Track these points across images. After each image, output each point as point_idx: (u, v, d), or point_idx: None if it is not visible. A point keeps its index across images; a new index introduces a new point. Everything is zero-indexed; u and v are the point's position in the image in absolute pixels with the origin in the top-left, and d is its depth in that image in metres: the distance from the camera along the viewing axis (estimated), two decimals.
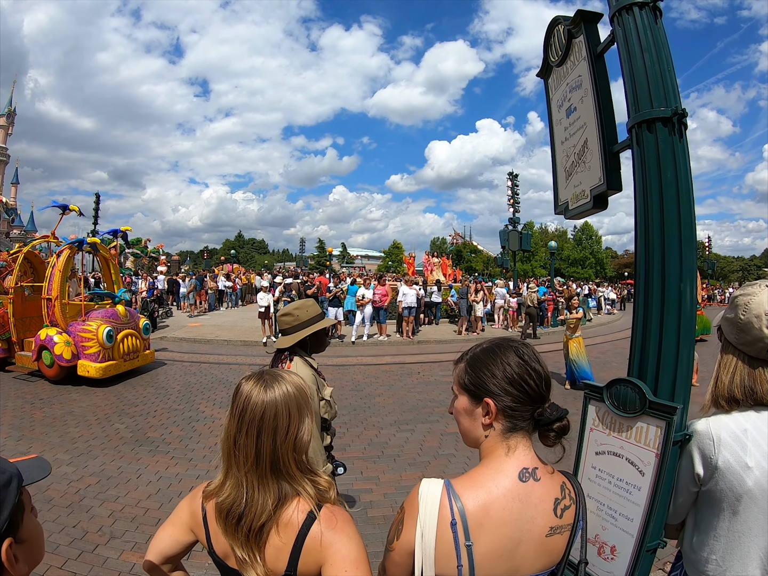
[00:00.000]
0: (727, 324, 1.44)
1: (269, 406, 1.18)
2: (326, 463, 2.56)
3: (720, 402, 1.41)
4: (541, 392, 1.14)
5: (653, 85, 1.49)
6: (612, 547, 1.52)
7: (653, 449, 1.41)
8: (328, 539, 1.14)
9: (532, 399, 1.13)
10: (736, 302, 1.41)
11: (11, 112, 48.56)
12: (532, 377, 1.13)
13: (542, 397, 1.14)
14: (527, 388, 1.13)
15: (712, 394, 1.44)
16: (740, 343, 1.39)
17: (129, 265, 24.59)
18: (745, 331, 1.36)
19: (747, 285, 1.44)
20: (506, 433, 1.14)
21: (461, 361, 1.26)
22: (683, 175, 1.45)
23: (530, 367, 1.14)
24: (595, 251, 66.38)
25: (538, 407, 1.14)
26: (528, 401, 1.13)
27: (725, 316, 1.46)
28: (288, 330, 2.57)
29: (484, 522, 1.05)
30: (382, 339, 14.17)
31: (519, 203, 24.32)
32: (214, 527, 1.22)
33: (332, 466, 2.66)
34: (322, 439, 2.59)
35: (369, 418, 6.84)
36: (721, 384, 1.41)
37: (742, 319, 1.37)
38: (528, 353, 1.17)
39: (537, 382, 1.13)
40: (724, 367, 1.43)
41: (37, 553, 0.92)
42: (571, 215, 2.00)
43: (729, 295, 38.42)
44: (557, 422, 1.13)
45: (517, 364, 1.14)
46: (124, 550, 3.49)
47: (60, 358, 7.98)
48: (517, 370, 1.13)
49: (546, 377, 1.16)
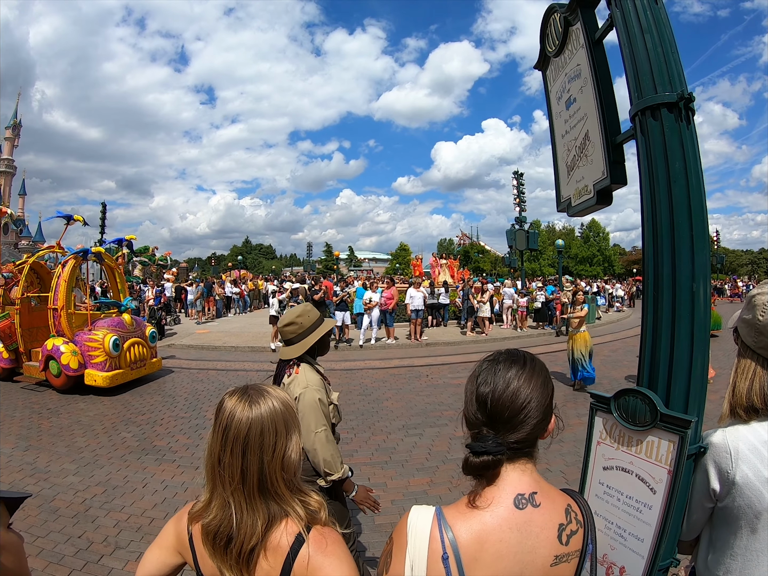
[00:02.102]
0: (745, 326, 1.34)
1: (255, 423, 1.13)
2: (344, 465, 2.51)
3: (738, 411, 1.31)
4: (476, 418, 1.08)
5: (656, 69, 1.38)
6: (621, 568, 1.42)
7: (665, 465, 1.30)
8: (317, 563, 1.09)
9: (469, 422, 1.11)
10: (754, 302, 1.31)
11: (17, 124, 49.06)
12: (472, 400, 1.10)
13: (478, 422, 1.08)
14: (468, 410, 1.10)
15: (730, 402, 1.34)
16: (759, 346, 1.29)
17: (137, 273, 24.74)
18: (764, 333, 1.26)
19: (765, 283, 1.34)
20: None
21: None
22: (693, 166, 1.33)
23: (477, 390, 1.09)
24: (602, 248, 65.88)
25: (474, 430, 1.08)
26: (468, 424, 1.11)
27: (742, 317, 1.36)
28: (293, 339, 2.53)
29: (479, 556, 0.97)
30: (390, 342, 14.09)
31: (525, 202, 24.28)
32: (201, 550, 1.17)
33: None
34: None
35: (377, 422, 6.78)
36: (738, 392, 1.31)
37: (761, 321, 1.27)
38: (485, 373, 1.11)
39: (474, 406, 1.09)
40: (741, 373, 1.33)
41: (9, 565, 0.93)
42: (574, 212, 1.90)
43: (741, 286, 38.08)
44: (467, 454, 1.05)
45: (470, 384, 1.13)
46: (129, 561, 3.46)
47: (67, 367, 8.00)
48: (468, 390, 1.12)
49: (489, 403, 1.06)
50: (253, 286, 26.13)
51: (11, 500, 0.96)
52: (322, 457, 2.37)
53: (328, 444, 2.40)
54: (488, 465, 1.01)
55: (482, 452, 1.01)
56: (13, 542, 0.95)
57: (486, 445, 1.01)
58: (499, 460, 1.01)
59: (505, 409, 1.03)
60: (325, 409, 2.45)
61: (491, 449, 1.00)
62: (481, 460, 1.01)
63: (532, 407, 1.05)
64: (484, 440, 1.02)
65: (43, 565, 3.36)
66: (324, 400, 2.45)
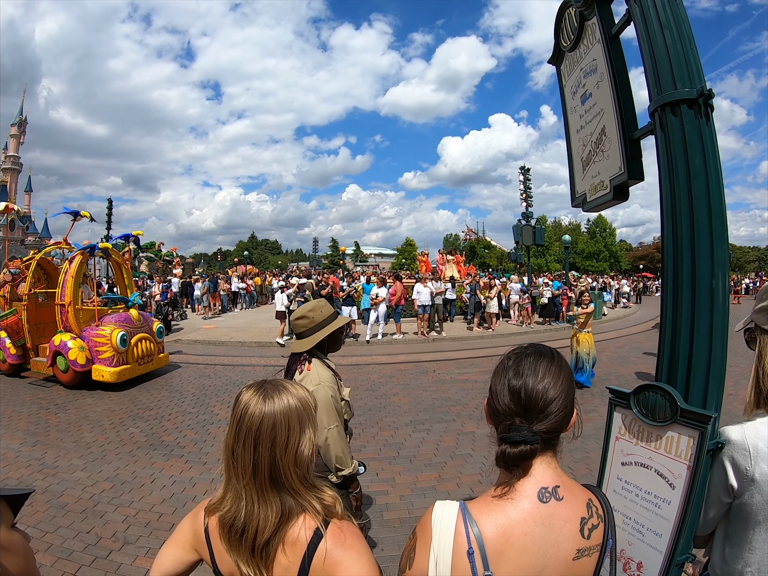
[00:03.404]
0: (761, 315, 1.34)
1: (267, 417, 1.13)
2: (354, 462, 2.53)
3: (765, 401, 1.30)
4: (509, 408, 1.07)
5: (676, 65, 1.38)
6: (638, 564, 1.42)
7: (685, 461, 1.30)
8: (336, 557, 1.08)
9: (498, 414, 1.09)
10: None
11: (23, 121, 49.11)
12: (504, 391, 1.08)
13: (511, 413, 1.07)
14: (496, 401, 1.09)
15: (755, 394, 1.33)
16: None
17: (143, 269, 24.82)
18: None
19: None
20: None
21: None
22: (712, 162, 1.33)
23: (509, 382, 1.08)
24: (609, 244, 65.62)
25: (506, 421, 1.06)
26: (495, 415, 1.10)
27: (757, 308, 1.36)
28: (304, 333, 2.53)
29: (505, 550, 0.96)
30: (397, 337, 14.09)
31: (532, 198, 24.18)
32: (218, 545, 1.17)
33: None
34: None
35: (384, 418, 6.77)
36: (763, 383, 1.30)
37: None
38: (516, 366, 1.10)
39: (507, 397, 1.07)
40: (766, 360, 1.32)
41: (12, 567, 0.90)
42: (589, 207, 1.89)
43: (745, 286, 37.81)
44: (504, 445, 1.03)
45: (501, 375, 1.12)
46: (138, 556, 3.46)
47: (74, 363, 8.02)
48: (497, 381, 1.11)
49: (522, 393, 1.05)
50: (261, 282, 26.10)
51: (14, 498, 0.92)
52: (334, 454, 2.37)
53: (340, 440, 2.41)
54: (525, 455, 1.01)
55: (520, 442, 1.00)
56: (15, 542, 0.91)
57: (523, 434, 1.01)
58: (535, 450, 1.01)
59: (539, 399, 1.04)
60: (338, 406, 2.45)
61: (528, 438, 1.00)
62: (520, 450, 1.00)
63: (562, 398, 1.05)
64: (519, 430, 1.02)
65: (52, 561, 3.37)
66: (336, 397, 2.45)
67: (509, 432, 1.03)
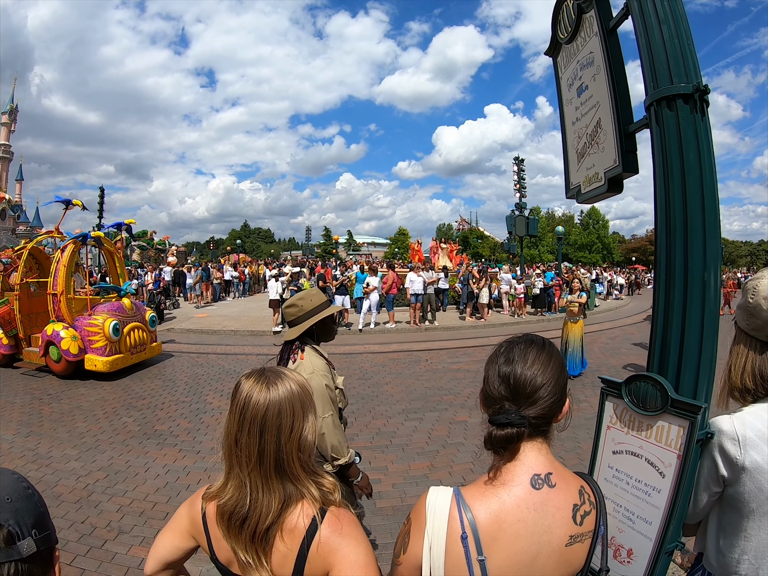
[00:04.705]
0: (739, 311, 1.40)
1: (272, 404, 1.14)
2: (350, 450, 2.54)
3: (734, 393, 1.37)
4: (500, 393, 1.09)
5: (672, 60, 1.38)
6: (629, 551, 1.45)
7: (675, 450, 1.32)
8: (334, 544, 1.10)
9: (490, 399, 1.12)
10: (746, 287, 1.38)
11: (13, 109, 48.37)
12: (495, 375, 1.11)
13: (501, 398, 1.09)
14: (489, 386, 1.12)
15: (726, 384, 1.40)
16: (751, 328, 1.35)
17: (135, 258, 24.66)
18: (754, 314, 1.33)
19: (760, 272, 1.40)
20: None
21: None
22: (706, 157, 1.35)
23: (500, 369, 1.11)
24: (602, 236, 65.81)
25: (497, 405, 1.09)
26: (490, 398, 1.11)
27: (738, 304, 1.42)
28: (294, 321, 2.53)
29: (498, 536, 0.98)
30: (390, 326, 14.13)
31: (525, 188, 24.20)
32: (216, 532, 1.18)
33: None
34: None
35: (377, 407, 6.81)
36: (734, 374, 1.38)
37: (750, 303, 1.33)
38: (507, 352, 1.13)
39: (496, 382, 1.10)
40: (736, 355, 1.39)
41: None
42: (583, 199, 1.90)
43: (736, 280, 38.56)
44: (491, 427, 1.05)
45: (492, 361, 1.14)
46: (133, 545, 3.48)
47: (67, 352, 7.98)
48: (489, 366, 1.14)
49: (512, 378, 1.08)
50: (254, 271, 25.97)
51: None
52: (329, 443, 2.38)
53: (335, 429, 2.42)
54: (512, 438, 1.02)
55: (506, 424, 1.02)
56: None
57: (510, 417, 1.03)
58: (522, 433, 1.03)
59: (527, 384, 1.06)
60: (332, 394, 2.46)
61: (515, 421, 1.02)
62: (506, 433, 1.02)
63: (552, 384, 1.07)
64: (508, 413, 1.04)
65: None
66: (330, 385, 2.45)
67: (498, 415, 1.05)
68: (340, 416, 2.61)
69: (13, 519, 0.79)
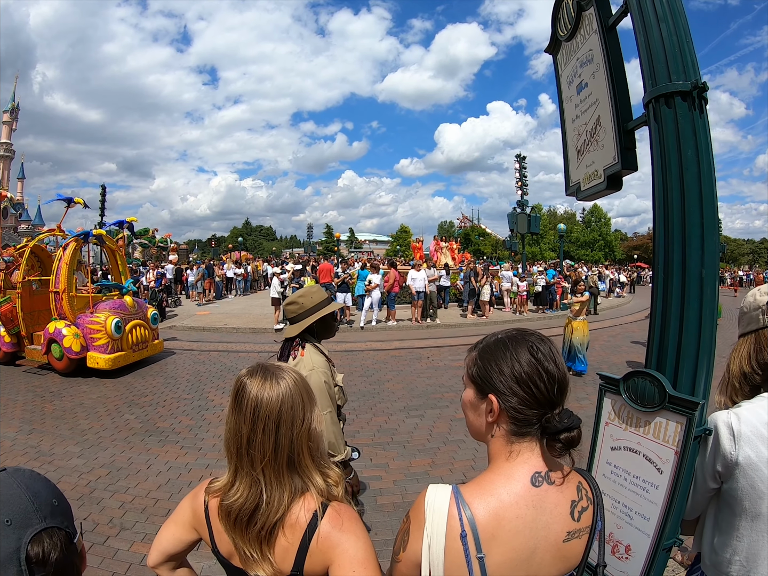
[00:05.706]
0: (739, 317, 1.51)
1: (285, 399, 1.15)
2: (346, 448, 2.56)
3: (733, 382, 1.43)
4: (550, 396, 1.03)
5: (671, 58, 1.39)
6: (627, 547, 1.46)
7: (672, 446, 1.33)
8: (334, 539, 1.11)
9: (539, 403, 1.02)
10: (745, 296, 1.50)
11: (15, 107, 48.48)
12: (543, 379, 1.02)
13: (552, 402, 1.03)
14: (535, 390, 1.02)
15: (725, 377, 1.47)
16: (745, 325, 1.45)
17: (137, 256, 24.71)
18: (746, 313, 1.44)
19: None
20: (511, 436, 1.06)
21: (474, 349, 1.15)
22: (704, 154, 1.35)
23: (542, 367, 1.03)
24: (604, 234, 65.70)
25: (546, 412, 1.03)
26: (535, 404, 1.02)
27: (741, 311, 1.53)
28: (294, 318, 2.54)
29: (497, 533, 0.98)
30: (392, 324, 14.13)
31: (527, 186, 24.17)
32: (218, 525, 1.19)
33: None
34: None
35: (378, 404, 6.83)
36: (733, 367, 1.44)
37: (744, 309, 1.46)
38: (543, 350, 1.05)
39: (547, 385, 1.02)
40: (735, 351, 1.47)
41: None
42: (583, 196, 1.90)
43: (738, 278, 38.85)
44: (565, 432, 1.01)
45: (527, 362, 1.03)
46: (135, 542, 3.49)
47: (69, 350, 8.01)
48: (527, 369, 1.03)
49: (561, 380, 1.04)
50: (257, 266, 25.97)
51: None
52: (326, 439, 2.39)
53: (332, 426, 2.43)
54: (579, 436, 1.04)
55: (577, 424, 1.03)
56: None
57: (572, 416, 1.04)
58: (580, 433, 1.03)
59: (568, 381, 1.07)
60: (331, 391, 2.47)
61: (576, 420, 1.03)
62: (579, 431, 1.03)
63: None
64: (568, 413, 1.04)
65: None
66: (329, 382, 2.47)
67: (558, 418, 1.03)
68: (338, 413, 2.62)
69: (66, 521, 0.84)
